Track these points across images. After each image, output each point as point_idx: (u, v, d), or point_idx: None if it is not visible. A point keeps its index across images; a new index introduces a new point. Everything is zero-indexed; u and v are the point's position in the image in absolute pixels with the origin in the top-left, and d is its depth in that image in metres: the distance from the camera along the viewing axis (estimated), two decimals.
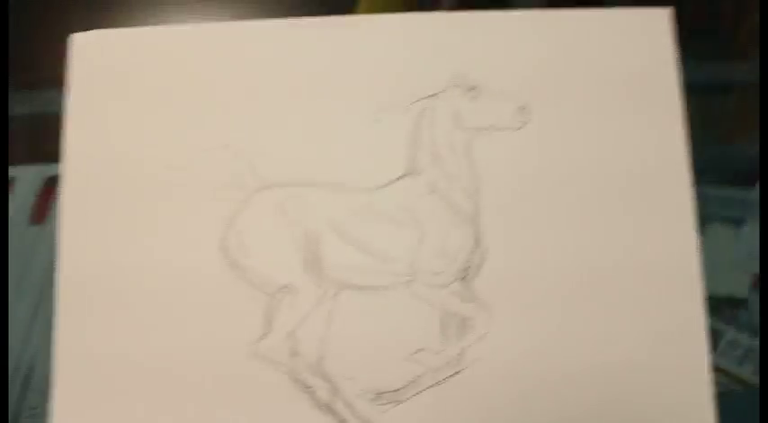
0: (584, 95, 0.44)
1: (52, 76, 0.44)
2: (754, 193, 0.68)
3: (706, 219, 0.70)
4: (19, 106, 0.46)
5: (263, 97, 0.43)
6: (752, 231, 0.68)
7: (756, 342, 0.61)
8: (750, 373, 0.58)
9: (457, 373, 0.42)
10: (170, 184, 0.42)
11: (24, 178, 0.44)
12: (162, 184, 0.42)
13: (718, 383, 0.45)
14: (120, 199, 0.42)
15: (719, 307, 0.64)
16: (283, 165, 0.43)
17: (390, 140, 0.43)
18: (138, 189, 0.42)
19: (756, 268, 0.66)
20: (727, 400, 0.44)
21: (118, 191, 0.42)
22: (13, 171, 0.46)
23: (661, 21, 0.45)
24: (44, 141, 0.44)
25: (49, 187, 0.45)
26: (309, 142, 0.43)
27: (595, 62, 0.45)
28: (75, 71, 0.44)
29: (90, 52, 0.44)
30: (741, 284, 0.66)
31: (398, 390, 0.41)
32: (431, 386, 0.42)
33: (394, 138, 0.43)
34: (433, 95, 0.44)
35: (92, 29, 0.44)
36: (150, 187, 0.42)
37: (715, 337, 0.59)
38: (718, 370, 0.55)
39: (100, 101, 0.43)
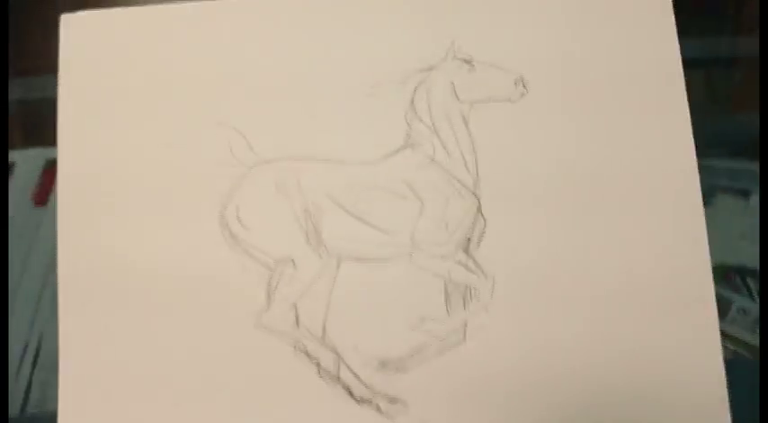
0: (582, 68, 0.44)
1: (51, 61, 0.44)
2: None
3: (715, 190, 0.70)
4: (19, 91, 0.47)
5: (258, 73, 0.43)
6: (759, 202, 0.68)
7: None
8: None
9: (462, 342, 0.42)
10: (167, 163, 0.42)
11: (25, 162, 0.44)
12: (158, 162, 0.43)
13: (728, 351, 0.45)
14: (118, 179, 0.43)
15: (729, 276, 0.64)
16: (280, 141, 0.43)
17: (387, 114, 0.43)
18: (134, 168, 0.43)
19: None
20: (737, 368, 0.43)
21: (114, 171, 0.43)
22: (12, 155, 0.46)
23: None
24: (45, 126, 0.45)
25: (51, 169, 0.45)
26: (305, 118, 0.43)
27: (594, 35, 0.44)
28: (66, 52, 0.44)
29: (80, 33, 0.44)
30: (750, 255, 0.66)
31: (403, 359, 0.42)
32: (436, 355, 0.42)
33: (391, 111, 0.43)
34: (429, 68, 0.44)
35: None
36: (147, 166, 0.43)
37: (725, 305, 0.60)
38: (728, 337, 0.55)
39: (92, 81, 0.44)
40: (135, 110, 0.43)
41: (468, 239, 0.42)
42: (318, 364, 0.41)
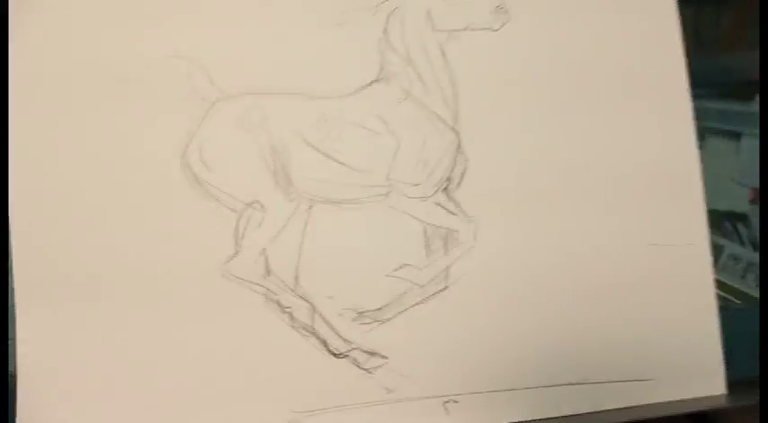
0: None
1: None
2: (753, 106, 0.66)
3: (704, 133, 0.68)
4: None
5: (215, 3, 0.40)
6: (750, 144, 0.66)
7: (757, 255, 0.59)
8: (753, 286, 0.57)
9: (443, 289, 0.40)
10: (124, 99, 0.39)
11: None
12: (115, 98, 0.39)
13: (719, 297, 0.44)
14: (74, 116, 0.39)
15: (719, 221, 0.62)
16: (243, 74, 0.40)
17: (358, 44, 0.40)
18: (90, 105, 0.39)
19: (755, 183, 0.64)
20: (729, 314, 0.42)
21: (71, 106, 0.39)
22: None
23: None
24: None
25: None
26: (270, 48, 0.40)
27: None
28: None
29: None
30: (740, 199, 0.64)
31: (381, 308, 0.39)
32: (416, 304, 0.40)
33: (362, 41, 0.40)
34: None
35: None
36: (103, 103, 0.39)
37: (716, 251, 0.58)
38: (719, 284, 0.53)
39: (41, 14, 0.40)
40: (87, 41, 0.40)
41: (448, 179, 0.40)
42: (291, 316, 0.39)
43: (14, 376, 0.39)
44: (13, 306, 0.39)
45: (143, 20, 0.40)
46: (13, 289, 0.39)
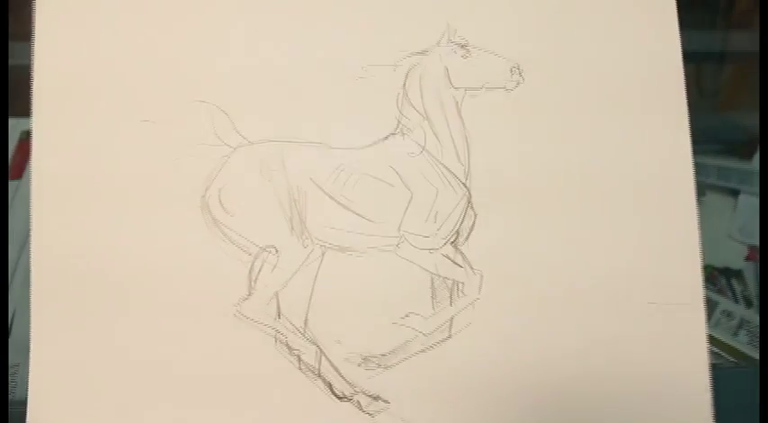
0: (580, 60, 0.43)
1: (26, 27, 0.42)
2: (752, 165, 0.68)
3: (704, 188, 0.69)
4: None
5: (244, 52, 0.41)
6: (748, 202, 0.67)
7: (750, 312, 0.60)
8: (744, 343, 0.58)
9: (447, 338, 0.41)
10: (148, 138, 0.40)
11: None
12: (137, 139, 0.40)
13: (711, 354, 0.45)
14: (94, 157, 0.40)
15: (714, 277, 0.64)
16: (265, 122, 0.41)
17: (378, 98, 0.41)
18: (115, 142, 0.40)
19: (752, 240, 0.66)
20: (721, 371, 0.43)
21: (91, 148, 0.40)
22: None
23: None
24: (19, 94, 0.43)
25: (26, 141, 0.43)
26: (293, 99, 0.41)
27: (594, 27, 0.43)
28: (42, 21, 0.41)
29: (56, 2, 0.42)
30: (736, 256, 0.66)
31: (386, 354, 0.40)
32: (420, 352, 0.41)
33: (382, 95, 0.42)
34: (422, 52, 0.42)
35: None
36: (125, 142, 0.40)
37: (710, 307, 0.59)
38: (711, 340, 0.54)
39: (68, 53, 0.41)
40: (113, 83, 0.41)
41: (457, 233, 0.41)
42: (299, 358, 0.40)
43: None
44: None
45: (169, 63, 0.41)
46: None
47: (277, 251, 0.40)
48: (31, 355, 0.40)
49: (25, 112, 0.42)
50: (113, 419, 0.39)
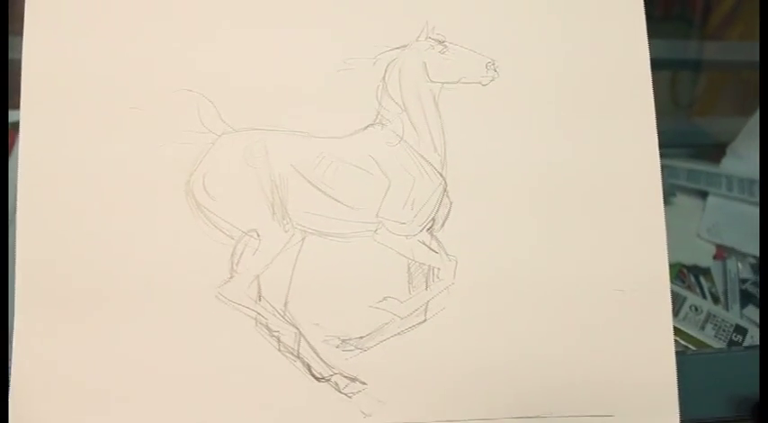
0: (552, 59, 0.45)
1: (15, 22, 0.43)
2: (721, 168, 0.70)
3: (674, 190, 0.71)
4: None
5: (229, 43, 0.43)
6: (716, 203, 0.69)
7: (717, 308, 0.62)
8: (711, 336, 0.60)
9: (422, 322, 0.42)
10: (134, 124, 0.42)
11: None
12: (126, 123, 0.42)
13: (678, 345, 0.46)
14: (83, 135, 0.41)
15: (683, 274, 0.66)
16: (249, 111, 0.42)
17: (358, 90, 0.43)
18: (101, 127, 0.42)
19: (719, 240, 0.68)
20: (685, 362, 0.44)
21: (82, 126, 0.42)
22: None
23: None
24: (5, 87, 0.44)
25: (12, 131, 0.44)
26: (276, 89, 0.43)
27: (565, 28, 0.45)
28: (32, 15, 0.43)
29: None
30: (704, 254, 0.68)
31: (363, 337, 0.42)
32: (396, 334, 0.42)
33: (362, 87, 0.43)
34: (402, 47, 0.44)
35: None
36: (114, 126, 0.42)
37: (678, 302, 0.61)
38: (679, 333, 0.57)
39: (57, 44, 0.42)
40: (100, 73, 0.42)
41: (433, 220, 0.43)
42: (279, 340, 0.41)
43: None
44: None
45: (156, 52, 0.42)
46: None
47: (259, 235, 0.41)
48: (14, 343, 0.40)
49: (11, 105, 0.43)
50: (96, 401, 0.40)
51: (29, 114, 0.42)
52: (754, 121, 0.67)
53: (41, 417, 0.40)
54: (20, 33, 0.42)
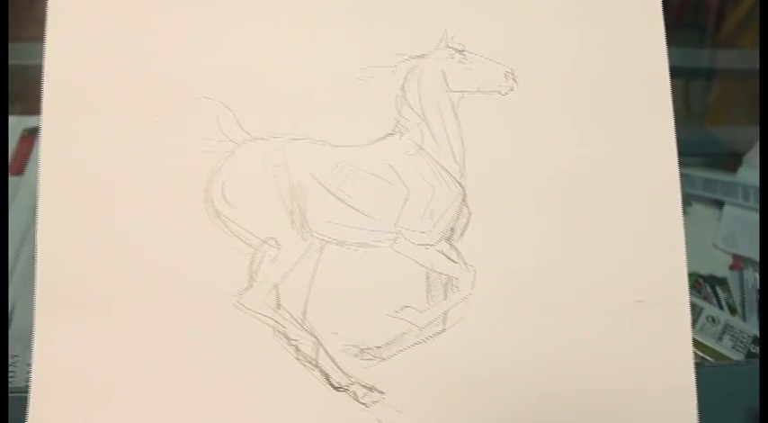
0: (571, 68, 0.44)
1: (35, 29, 0.43)
2: (737, 177, 0.69)
3: (690, 199, 0.71)
4: None
5: (248, 52, 0.43)
6: (733, 213, 0.69)
7: (734, 319, 0.62)
8: (729, 347, 0.59)
9: (441, 332, 0.42)
10: (153, 131, 0.41)
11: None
12: (146, 129, 0.41)
13: (695, 356, 0.46)
14: (103, 141, 0.41)
15: (700, 284, 0.65)
16: (268, 119, 0.42)
17: (377, 99, 0.43)
18: (121, 133, 0.41)
19: (736, 250, 0.68)
20: (703, 373, 0.44)
21: (102, 132, 0.41)
22: None
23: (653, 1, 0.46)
24: (25, 94, 0.44)
25: (29, 138, 0.44)
26: (295, 98, 0.42)
27: (585, 36, 0.45)
28: (54, 21, 0.43)
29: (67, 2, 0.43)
30: (721, 264, 0.68)
31: (382, 346, 0.41)
32: (414, 344, 0.42)
33: (381, 96, 0.43)
34: (421, 56, 0.43)
35: None
36: (133, 133, 0.41)
37: (695, 312, 0.61)
38: (696, 344, 0.56)
39: (78, 52, 0.42)
40: (120, 80, 0.42)
41: (452, 229, 0.42)
42: (297, 348, 0.41)
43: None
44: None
45: (176, 61, 0.42)
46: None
47: (278, 244, 0.41)
48: (35, 345, 0.40)
49: (27, 110, 0.43)
50: (114, 406, 0.40)
51: (50, 120, 0.42)
52: None
53: (60, 418, 0.40)
54: (39, 39, 0.42)
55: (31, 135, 0.44)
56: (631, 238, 0.43)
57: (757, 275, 0.64)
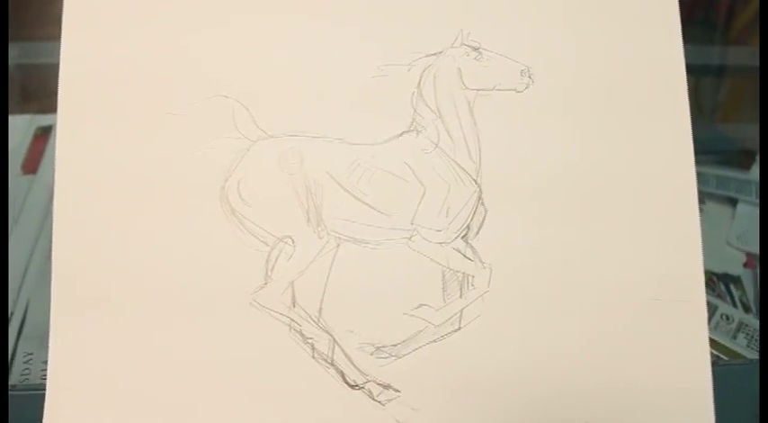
0: (587, 65, 0.44)
1: (49, 28, 0.43)
2: (750, 174, 0.69)
3: (703, 197, 0.71)
4: (13, 57, 0.46)
5: (264, 49, 0.43)
6: (746, 211, 0.69)
7: (749, 317, 0.62)
8: (743, 346, 0.59)
9: (456, 330, 0.42)
10: (169, 129, 0.42)
11: (16, 128, 0.43)
12: (161, 128, 0.42)
13: (711, 355, 0.46)
14: (118, 140, 0.41)
15: (714, 282, 0.65)
16: (284, 117, 0.42)
17: (393, 96, 0.43)
18: (137, 132, 0.42)
19: (750, 247, 0.67)
20: (720, 371, 0.44)
21: (117, 131, 0.42)
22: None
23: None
24: (38, 92, 0.44)
25: (42, 137, 0.44)
26: (311, 95, 0.42)
27: (601, 34, 0.45)
28: (69, 19, 0.43)
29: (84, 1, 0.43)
30: (735, 262, 0.67)
31: (397, 344, 0.41)
32: (430, 342, 0.42)
33: (397, 94, 0.43)
34: (437, 53, 0.43)
35: None
36: (149, 131, 0.42)
37: (709, 310, 0.60)
38: (711, 341, 0.56)
39: (95, 50, 0.42)
40: (137, 78, 0.42)
41: (468, 227, 0.42)
42: (313, 346, 0.41)
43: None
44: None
45: (193, 59, 0.42)
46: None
47: (293, 242, 0.41)
48: (51, 343, 0.40)
49: (41, 109, 0.43)
50: (130, 404, 0.40)
51: (66, 117, 0.42)
52: None
53: (77, 415, 0.40)
54: (55, 38, 0.42)
55: (45, 134, 0.44)
56: (648, 237, 0.43)
57: None
